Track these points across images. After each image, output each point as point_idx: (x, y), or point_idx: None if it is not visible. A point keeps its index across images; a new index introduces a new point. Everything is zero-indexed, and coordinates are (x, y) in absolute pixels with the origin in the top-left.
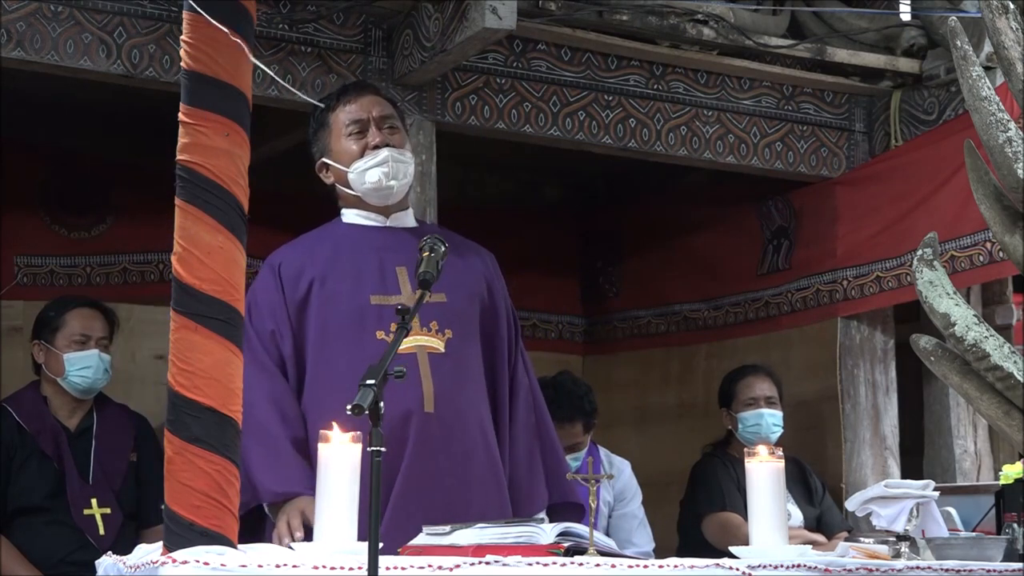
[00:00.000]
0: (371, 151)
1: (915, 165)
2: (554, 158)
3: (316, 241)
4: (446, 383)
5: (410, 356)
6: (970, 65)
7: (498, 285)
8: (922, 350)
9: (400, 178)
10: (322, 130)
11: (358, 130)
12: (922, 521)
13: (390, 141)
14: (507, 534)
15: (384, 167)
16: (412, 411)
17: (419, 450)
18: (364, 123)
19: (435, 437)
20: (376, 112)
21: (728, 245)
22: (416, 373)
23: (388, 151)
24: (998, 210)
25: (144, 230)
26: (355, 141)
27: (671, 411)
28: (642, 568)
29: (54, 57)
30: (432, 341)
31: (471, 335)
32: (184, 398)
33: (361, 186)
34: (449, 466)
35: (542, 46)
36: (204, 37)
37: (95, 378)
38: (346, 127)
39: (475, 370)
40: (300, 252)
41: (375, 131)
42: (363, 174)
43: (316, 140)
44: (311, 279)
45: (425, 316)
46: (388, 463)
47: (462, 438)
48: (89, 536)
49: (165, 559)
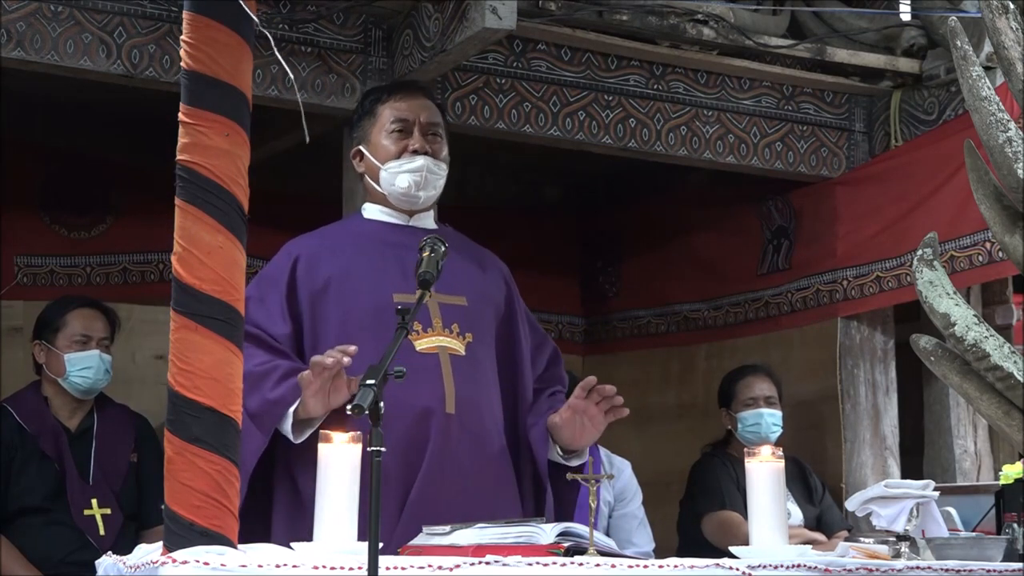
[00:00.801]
0: (409, 155)
1: (915, 165)
2: (554, 158)
3: (338, 235)
4: (467, 385)
5: (432, 356)
6: (970, 65)
7: (515, 295)
8: (922, 350)
9: (430, 190)
10: (367, 118)
11: (400, 129)
12: (922, 521)
13: (430, 149)
14: (507, 534)
15: (417, 175)
16: (434, 411)
17: (440, 449)
18: (409, 124)
19: (455, 438)
20: (424, 117)
21: (728, 245)
22: (438, 373)
23: (424, 160)
24: (998, 210)
25: (144, 230)
26: (396, 141)
27: (671, 411)
28: (642, 568)
29: (54, 57)
30: (453, 343)
31: (488, 340)
32: (184, 398)
33: (390, 187)
34: (469, 467)
35: (542, 46)
36: (204, 37)
37: (96, 378)
38: (390, 123)
39: (492, 375)
40: (321, 243)
41: (418, 136)
42: (395, 176)
43: (358, 127)
44: (330, 273)
45: (447, 318)
46: (408, 461)
47: (481, 440)
48: (89, 536)
49: (165, 559)
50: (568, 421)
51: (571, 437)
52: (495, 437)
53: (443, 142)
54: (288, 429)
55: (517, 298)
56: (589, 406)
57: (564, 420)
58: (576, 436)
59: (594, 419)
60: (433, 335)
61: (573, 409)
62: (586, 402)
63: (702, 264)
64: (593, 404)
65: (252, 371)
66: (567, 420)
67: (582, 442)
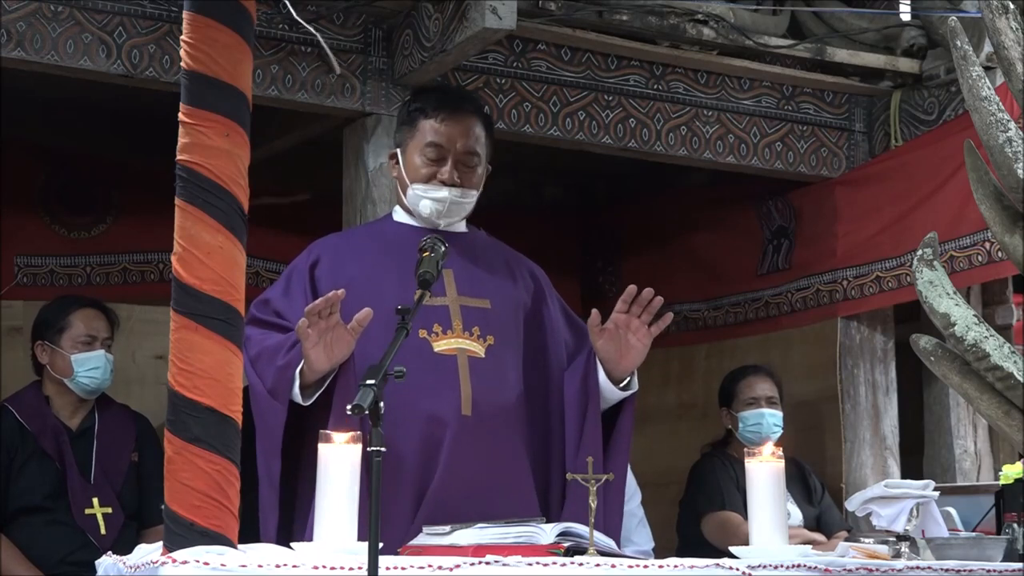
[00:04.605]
0: (436, 183)
1: (915, 165)
2: (554, 158)
3: (363, 236)
4: (484, 388)
5: (451, 358)
6: (970, 65)
7: (548, 297)
8: (922, 350)
9: (452, 216)
10: (407, 127)
11: (435, 156)
12: (922, 521)
13: (459, 181)
14: (507, 534)
15: (440, 205)
16: (449, 413)
17: (455, 451)
18: (444, 151)
19: (471, 440)
20: (461, 145)
21: (728, 245)
22: (455, 375)
23: (449, 192)
24: (998, 210)
25: (144, 230)
26: (427, 164)
27: (670, 411)
28: (642, 568)
29: (54, 57)
30: (473, 345)
31: (512, 343)
32: (184, 398)
33: (415, 206)
34: (484, 469)
35: (542, 46)
36: (204, 37)
37: (103, 378)
38: (425, 146)
39: (513, 378)
40: (345, 244)
41: (450, 167)
42: (419, 199)
43: (399, 131)
44: (354, 273)
45: (468, 321)
46: (424, 463)
47: (497, 443)
48: (90, 536)
49: (165, 559)
50: (612, 336)
51: (617, 354)
52: (513, 440)
53: (477, 169)
54: (296, 393)
55: (551, 298)
56: (631, 319)
57: (608, 335)
58: (622, 352)
59: (638, 332)
60: (452, 337)
61: (616, 323)
62: (628, 315)
63: (702, 264)
64: (635, 317)
65: (268, 346)
66: (611, 335)
67: (629, 359)
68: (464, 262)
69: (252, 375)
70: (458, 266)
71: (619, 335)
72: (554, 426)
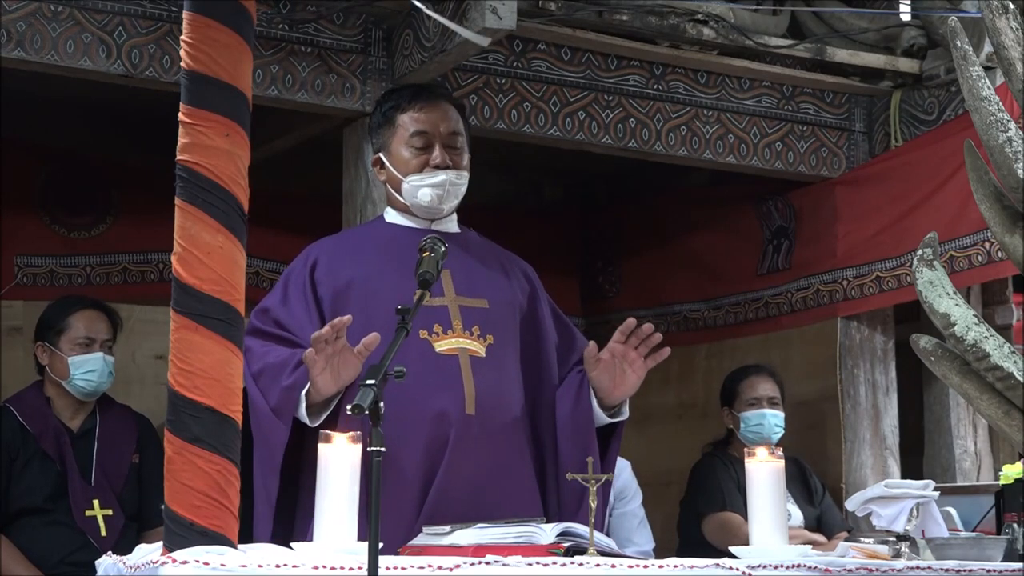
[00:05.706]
0: (430, 169)
1: (915, 165)
2: (554, 158)
3: (358, 238)
4: (487, 387)
5: (452, 358)
6: (970, 65)
7: (540, 295)
8: (922, 350)
9: (452, 200)
10: (386, 127)
11: (422, 144)
12: (922, 521)
13: (452, 163)
14: (507, 534)
15: (439, 189)
16: (453, 412)
17: (459, 450)
18: (430, 137)
19: (474, 439)
20: (444, 128)
21: (728, 245)
22: (458, 375)
23: (446, 175)
24: (998, 210)
25: (144, 230)
26: (416, 154)
27: (671, 411)
28: (642, 568)
29: (54, 57)
30: (474, 345)
31: (510, 342)
32: (184, 398)
33: (412, 199)
34: (488, 468)
35: (542, 46)
36: (204, 37)
37: (100, 381)
38: (410, 136)
39: (514, 377)
40: (341, 246)
41: (439, 150)
42: (416, 189)
43: (377, 134)
44: (351, 275)
45: (468, 320)
46: (427, 462)
47: (500, 442)
48: (91, 537)
49: (165, 559)
50: (608, 366)
51: (611, 384)
52: (516, 438)
53: (464, 150)
54: (303, 413)
55: (543, 298)
56: (628, 350)
57: (604, 365)
58: (616, 382)
59: (634, 364)
60: (453, 337)
61: (612, 353)
62: (625, 346)
63: (702, 264)
64: (632, 348)
65: (272, 363)
66: (607, 365)
67: (622, 390)
68: (460, 262)
69: (254, 390)
70: (455, 266)
71: (615, 365)
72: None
